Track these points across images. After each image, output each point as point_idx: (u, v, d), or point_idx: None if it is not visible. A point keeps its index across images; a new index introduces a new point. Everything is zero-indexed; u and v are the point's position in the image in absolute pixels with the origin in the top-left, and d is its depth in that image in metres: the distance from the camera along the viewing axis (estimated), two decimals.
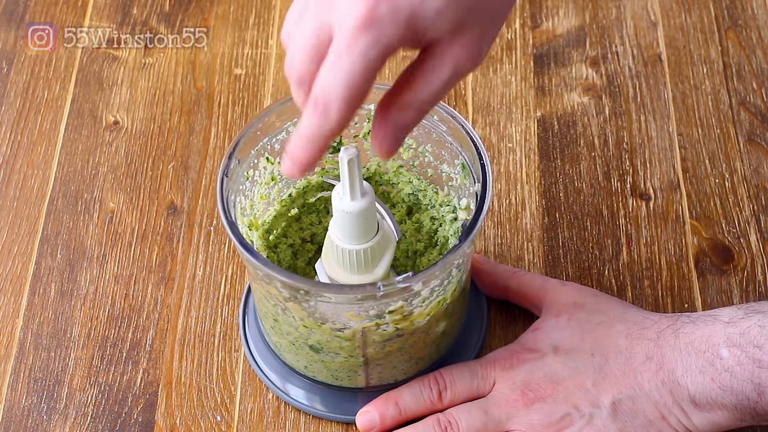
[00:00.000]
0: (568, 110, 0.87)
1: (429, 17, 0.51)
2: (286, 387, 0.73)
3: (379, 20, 0.50)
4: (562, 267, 0.79)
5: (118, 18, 0.93)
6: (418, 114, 0.54)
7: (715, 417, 0.65)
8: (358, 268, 0.65)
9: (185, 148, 0.85)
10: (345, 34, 0.51)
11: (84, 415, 0.73)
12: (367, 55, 0.50)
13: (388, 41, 0.51)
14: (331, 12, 0.52)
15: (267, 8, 0.94)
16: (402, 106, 0.53)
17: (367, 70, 0.51)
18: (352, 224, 0.62)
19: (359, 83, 0.51)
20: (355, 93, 0.51)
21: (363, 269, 0.65)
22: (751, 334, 0.64)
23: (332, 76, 0.51)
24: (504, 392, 0.69)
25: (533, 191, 0.83)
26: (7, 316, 0.77)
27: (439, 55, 0.53)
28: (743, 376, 0.63)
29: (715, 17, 0.92)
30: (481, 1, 0.53)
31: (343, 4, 0.51)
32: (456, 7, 0.52)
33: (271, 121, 0.69)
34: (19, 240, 0.81)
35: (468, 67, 0.53)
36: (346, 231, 0.63)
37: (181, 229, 0.81)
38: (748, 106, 0.87)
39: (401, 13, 0.50)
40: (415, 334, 0.68)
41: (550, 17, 0.93)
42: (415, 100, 0.53)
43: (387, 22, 0.50)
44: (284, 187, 0.74)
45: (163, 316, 0.77)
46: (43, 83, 0.89)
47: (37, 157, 0.85)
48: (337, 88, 0.51)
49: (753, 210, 0.81)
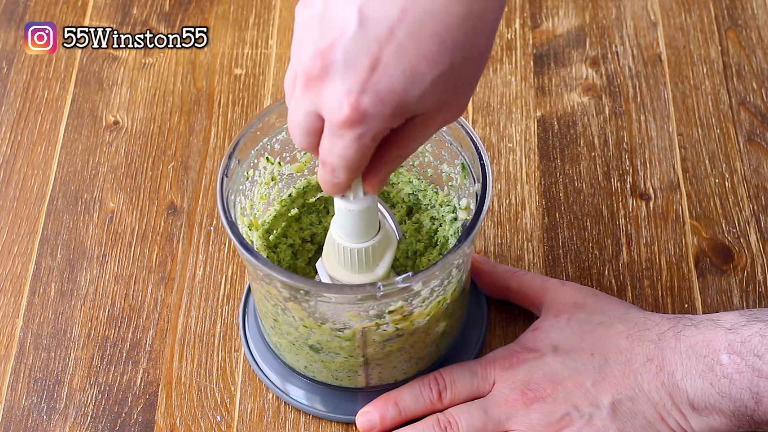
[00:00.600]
0: (568, 110, 0.87)
1: (414, 102, 0.53)
2: (286, 387, 0.73)
3: (364, 115, 0.52)
4: (562, 267, 0.79)
5: (118, 18, 0.93)
6: (404, 160, 0.58)
7: (712, 421, 0.65)
8: (359, 267, 0.65)
9: (185, 148, 0.85)
10: (334, 127, 0.53)
11: (84, 415, 0.73)
12: (358, 141, 0.53)
13: (376, 130, 0.53)
14: (319, 97, 0.53)
15: (267, 8, 0.94)
16: (392, 159, 0.57)
17: (362, 149, 0.54)
18: (354, 222, 0.62)
19: (356, 158, 0.54)
20: (354, 165, 0.55)
21: (364, 268, 0.65)
22: (752, 343, 0.64)
23: (330, 152, 0.55)
24: (504, 392, 0.69)
25: (533, 191, 0.83)
26: (7, 316, 0.77)
27: (424, 123, 0.55)
28: (742, 384, 0.64)
29: (715, 17, 0.92)
30: (463, 76, 0.54)
31: (327, 96, 0.53)
32: (441, 89, 0.53)
33: (271, 121, 0.69)
34: (19, 240, 0.81)
35: (452, 120, 0.56)
36: (348, 229, 0.63)
37: (181, 229, 0.81)
38: (748, 106, 0.87)
39: (386, 105, 0.52)
40: (415, 334, 0.68)
41: (550, 17, 0.93)
42: (403, 155, 0.57)
43: (372, 115, 0.52)
44: (284, 187, 0.74)
45: (163, 316, 0.77)
46: (43, 83, 0.89)
47: (37, 157, 0.85)
48: (336, 161, 0.55)
49: (753, 210, 0.81)
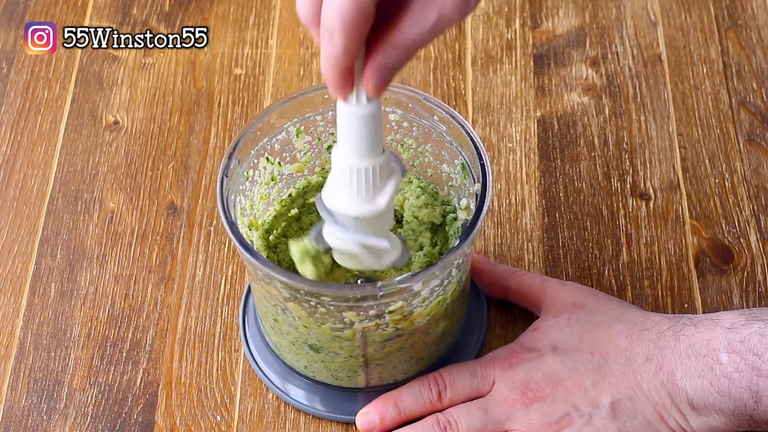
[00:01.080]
0: (568, 110, 0.87)
1: None
2: (286, 387, 0.73)
3: None
4: (562, 267, 0.79)
5: (118, 18, 0.93)
6: (405, 54, 0.56)
7: (712, 421, 0.65)
8: (360, 192, 0.62)
9: (185, 148, 0.85)
10: None
11: (84, 415, 0.73)
12: None
13: None
14: None
15: (267, 8, 0.94)
16: (388, 47, 0.56)
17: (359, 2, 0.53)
18: (358, 132, 0.60)
19: (354, 16, 0.54)
20: (353, 25, 0.54)
21: (364, 194, 0.62)
22: (752, 342, 0.64)
23: (329, 10, 0.54)
24: (503, 392, 0.69)
25: (533, 191, 0.83)
26: (7, 316, 0.77)
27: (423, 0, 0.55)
28: (741, 383, 0.64)
29: (715, 17, 0.92)
30: None
31: None
32: None
33: (271, 121, 0.69)
34: (19, 240, 0.81)
35: (455, 15, 0.55)
36: (351, 141, 0.60)
37: (181, 229, 0.81)
38: (748, 106, 0.87)
39: None
40: (415, 334, 0.68)
41: (550, 17, 0.93)
42: (401, 41, 0.55)
43: None
44: (284, 187, 0.74)
45: (163, 316, 0.77)
46: (43, 83, 0.89)
47: (37, 157, 0.85)
48: (335, 21, 0.54)
49: (753, 210, 0.81)
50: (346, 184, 0.61)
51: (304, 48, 0.91)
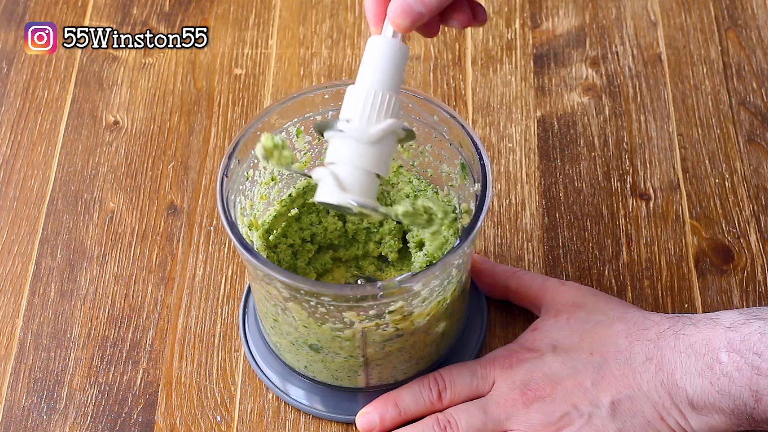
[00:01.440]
0: (568, 110, 0.87)
1: None
2: (286, 387, 0.73)
3: None
4: (562, 267, 0.79)
5: (118, 18, 0.93)
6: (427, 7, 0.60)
7: (712, 420, 0.65)
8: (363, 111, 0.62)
9: (185, 148, 0.85)
10: None
11: (84, 415, 0.73)
12: None
13: None
14: None
15: (267, 8, 0.94)
16: None
17: None
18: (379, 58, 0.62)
19: None
20: None
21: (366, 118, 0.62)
22: (752, 341, 0.64)
23: None
24: (503, 392, 0.69)
25: (533, 191, 0.83)
26: (7, 316, 0.77)
27: None
28: (741, 382, 0.64)
29: (715, 17, 0.92)
30: None
31: None
32: None
33: (271, 121, 0.69)
34: (19, 240, 0.81)
35: None
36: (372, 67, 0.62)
37: (181, 229, 0.81)
38: (748, 106, 0.87)
39: None
40: (415, 334, 0.68)
41: (550, 17, 0.93)
42: None
43: None
44: (284, 187, 0.74)
45: (163, 316, 0.77)
46: (43, 83, 0.89)
47: (37, 157, 0.85)
48: None
49: (753, 210, 0.81)
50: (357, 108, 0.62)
51: (304, 48, 0.91)
